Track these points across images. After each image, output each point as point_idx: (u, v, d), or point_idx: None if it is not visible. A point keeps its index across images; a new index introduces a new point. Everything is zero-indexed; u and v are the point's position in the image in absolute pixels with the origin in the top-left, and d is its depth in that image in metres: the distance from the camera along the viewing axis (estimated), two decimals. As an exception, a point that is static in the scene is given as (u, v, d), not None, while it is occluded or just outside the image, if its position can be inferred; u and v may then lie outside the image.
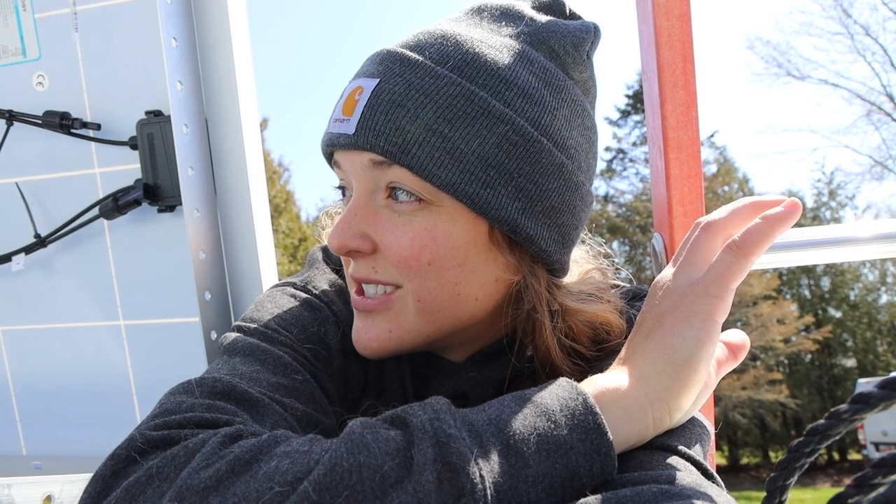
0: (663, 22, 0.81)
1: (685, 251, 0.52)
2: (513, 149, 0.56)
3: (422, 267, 0.58)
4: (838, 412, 0.41)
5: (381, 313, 0.62)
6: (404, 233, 0.58)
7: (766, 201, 0.52)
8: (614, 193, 19.95)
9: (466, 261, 0.59)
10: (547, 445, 0.43)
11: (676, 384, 0.48)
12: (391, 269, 0.60)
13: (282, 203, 17.60)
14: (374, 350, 0.62)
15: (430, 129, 0.55)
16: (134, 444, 0.45)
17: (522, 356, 0.67)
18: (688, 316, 0.48)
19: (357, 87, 0.58)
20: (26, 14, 1.07)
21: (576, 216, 0.62)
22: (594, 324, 0.63)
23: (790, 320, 17.84)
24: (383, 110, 0.56)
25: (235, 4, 1.06)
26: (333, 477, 0.39)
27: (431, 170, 0.55)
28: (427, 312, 0.61)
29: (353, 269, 0.62)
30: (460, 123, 0.55)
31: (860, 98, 18.05)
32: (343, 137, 0.58)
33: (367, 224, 0.59)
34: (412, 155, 0.55)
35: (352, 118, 0.57)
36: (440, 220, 0.58)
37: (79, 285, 1.10)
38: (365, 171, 0.58)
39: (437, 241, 0.58)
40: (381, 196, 0.59)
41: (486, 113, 0.56)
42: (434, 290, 0.59)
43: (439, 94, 0.55)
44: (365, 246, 0.59)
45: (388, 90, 0.56)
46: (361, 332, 0.63)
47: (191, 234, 1.01)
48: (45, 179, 1.10)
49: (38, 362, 1.13)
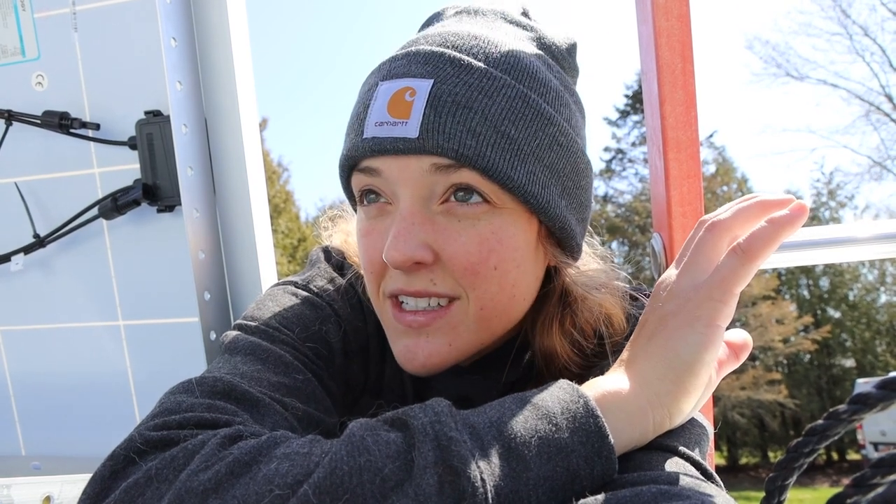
0: (662, 22, 0.81)
1: (689, 251, 0.52)
2: (560, 150, 0.58)
3: (488, 272, 0.57)
4: (837, 412, 0.41)
5: (438, 325, 0.58)
6: (470, 239, 0.56)
7: (772, 201, 0.51)
8: (613, 194, 19.97)
9: (523, 262, 0.59)
10: (548, 448, 0.43)
11: (678, 389, 0.48)
12: (450, 281, 0.57)
13: (281, 203, 17.59)
14: (434, 366, 0.59)
15: (498, 130, 0.54)
16: (133, 445, 0.44)
17: (522, 360, 0.67)
18: (691, 320, 0.48)
19: (405, 88, 0.54)
20: (25, 14, 1.07)
21: (591, 211, 0.66)
22: (597, 313, 0.64)
23: (789, 320, 17.85)
24: (449, 111, 0.53)
25: (235, 4, 1.06)
26: (333, 480, 0.39)
27: (505, 171, 0.54)
28: (487, 319, 0.59)
29: (404, 283, 0.57)
30: (522, 125, 0.55)
31: (859, 98, 18.07)
32: (401, 142, 0.54)
33: (426, 233, 0.56)
34: (486, 157, 0.54)
35: (409, 120, 0.53)
36: (504, 222, 0.57)
37: (78, 285, 1.10)
38: (423, 177, 0.55)
39: (503, 243, 0.57)
40: (436, 203, 0.56)
41: (539, 115, 0.56)
42: (496, 295, 0.58)
43: (499, 95, 0.55)
44: (428, 256, 0.55)
45: (449, 91, 0.54)
46: (416, 349, 0.58)
47: (190, 235, 1.01)
48: (44, 179, 1.10)
49: (37, 362, 1.13)
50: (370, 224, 0.60)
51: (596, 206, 4.54)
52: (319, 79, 44.65)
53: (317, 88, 43.70)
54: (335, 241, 0.77)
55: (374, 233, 0.59)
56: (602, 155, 20.02)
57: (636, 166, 19.72)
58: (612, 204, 19.89)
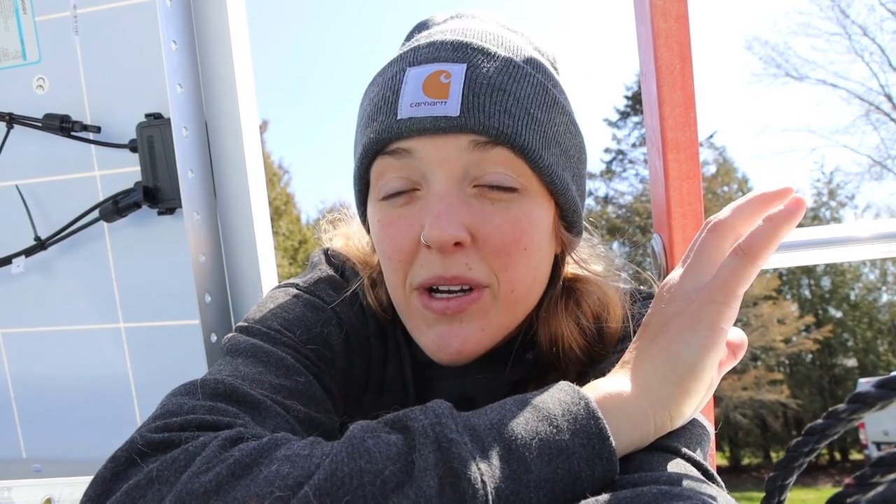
0: (661, 24, 0.81)
1: (693, 253, 0.52)
2: (571, 137, 0.62)
3: (520, 254, 0.58)
4: (836, 412, 0.41)
5: (471, 311, 0.58)
6: (504, 220, 0.57)
7: (769, 193, 0.50)
8: (614, 194, 19.95)
9: (545, 245, 0.61)
10: (549, 450, 0.43)
11: (680, 392, 0.47)
12: (484, 266, 0.57)
13: (282, 205, 17.60)
14: (469, 353, 0.59)
15: (528, 112, 0.57)
16: (134, 447, 0.44)
17: (525, 357, 0.67)
18: (693, 323, 0.47)
19: (440, 71, 0.56)
20: (26, 17, 1.07)
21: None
22: (598, 300, 0.66)
23: (791, 320, 17.83)
24: (486, 93, 0.55)
25: (235, 7, 1.06)
26: (334, 482, 0.39)
27: (538, 151, 0.57)
28: (515, 302, 0.60)
29: (442, 269, 0.57)
30: (545, 109, 0.59)
31: (858, 98, 18.06)
32: (442, 120, 0.55)
33: (463, 214, 0.56)
34: (522, 137, 0.56)
35: (448, 100, 0.55)
36: (532, 204, 0.59)
37: (79, 288, 1.10)
38: (459, 155, 0.56)
39: (533, 225, 0.59)
40: (468, 185, 0.57)
41: (555, 102, 0.60)
42: (523, 277, 0.59)
43: (525, 81, 0.58)
44: (467, 237, 0.56)
45: (484, 74, 0.56)
46: (449, 337, 0.59)
47: (191, 237, 1.01)
48: (45, 182, 1.10)
49: (38, 365, 1.13)
50: (396, 212, 0.59)
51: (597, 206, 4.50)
52: (320, 81, 44.73)
53: (317, 91, 43.77)
54: (336, 243, 0.77)
55: (401, 220, 0.59)
56: (602, 156, 20.03)
57: (637, 167, 19.72)
58: (612, 205, 19.89)
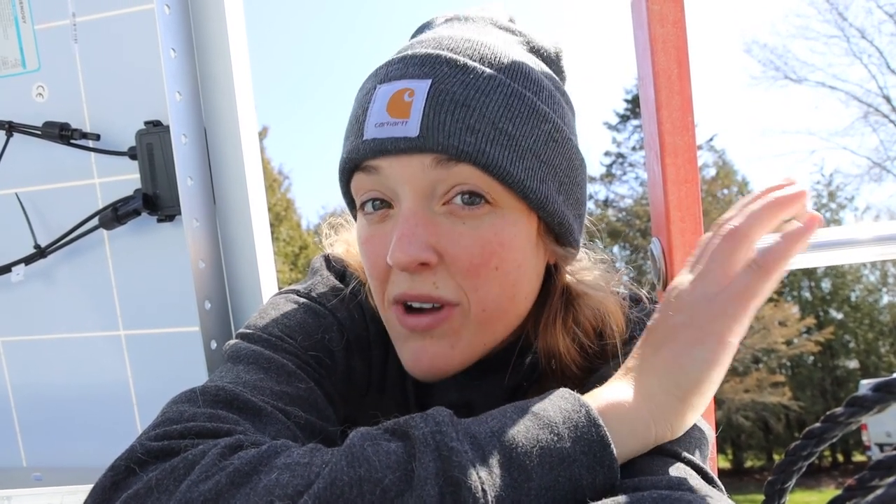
0: (658, 28, 0.82)
1: (704, 259, 0.50)
2: (556, 146, 0.59)
3: (490, 273, 0.57)
4: (834, 415, 0.41)
5: (442, 329, 0.58)
6: (473, 240, 0.56)
7: (783, 198, 0.50)
8: (614, 198, 19.92)
9: (524, 261, 0.59)
10: (550, 458, 0.43)
11: (682, 405, 0.47)
12: (452, 284, 0.57)
13: (282, 211, 17.58)
14: (439, 369, 0.59)
15: (496, 127, 0.55)
16: (134, 455, 0.44)
17: (524, 363, 0.67)
18: (702, 336, 0.47)
19: (404, 89, 0.55)
20: (26, 25, 1.07)
21: (586, 208, 0.67)
22: (597, 312, 0.64)
23: (792, 322, 17.78)
24: (448, 110, 0.54)
25: (234, 15, 1.06)
26: (334, 491, 0.39)
27: (505, 167, 0.55)
28: (489, 321, 0.59)
29: (408, 287, 0.57)
30: (519, 121, 0.56)
31: (857, 100, 18.04)
32: (402, 141, 0.54)
33: (430, 234, 0.55)
34: (486, 154, 0.54)
35: (409, 119, 0.54)
36: (505, 222, 0.57)
37: (79, 295, 1.10)
38: (424, 173, 0.55)
39: (504, 245, 0.57)
40: (438, 203, 0.56)
41: (534, 112, 0.57)
42: (497, 295, 0.58)
43: (496, 93, 0.56)
44: (432, 257, 0.55)
45: (447, 90, 0.54)
46: (421, 353, 0.59)
47: (190, 244, 1.01)
48: (44, 190, 1.10)
49: (38, 373, 1.13)
50: (372, 230, 0.60)
51: (597, 210, 4.54)
52: (319, 86, 44.80)
53: (317, 96, 43.83)
54: (337, 249, 0.77)
55: (375, 238, 0.59)
56: (602, 159, 19.98)
57: (637, 170, 19.69)
58: (612, 208, 19.86)
